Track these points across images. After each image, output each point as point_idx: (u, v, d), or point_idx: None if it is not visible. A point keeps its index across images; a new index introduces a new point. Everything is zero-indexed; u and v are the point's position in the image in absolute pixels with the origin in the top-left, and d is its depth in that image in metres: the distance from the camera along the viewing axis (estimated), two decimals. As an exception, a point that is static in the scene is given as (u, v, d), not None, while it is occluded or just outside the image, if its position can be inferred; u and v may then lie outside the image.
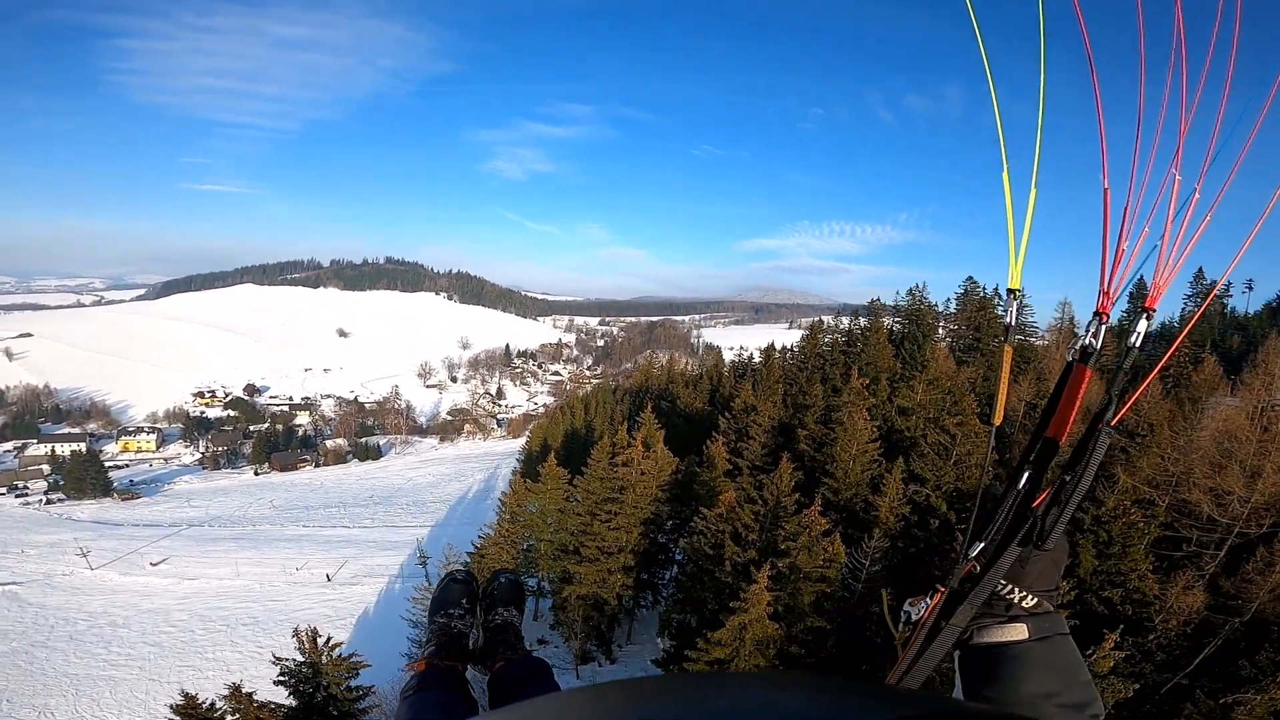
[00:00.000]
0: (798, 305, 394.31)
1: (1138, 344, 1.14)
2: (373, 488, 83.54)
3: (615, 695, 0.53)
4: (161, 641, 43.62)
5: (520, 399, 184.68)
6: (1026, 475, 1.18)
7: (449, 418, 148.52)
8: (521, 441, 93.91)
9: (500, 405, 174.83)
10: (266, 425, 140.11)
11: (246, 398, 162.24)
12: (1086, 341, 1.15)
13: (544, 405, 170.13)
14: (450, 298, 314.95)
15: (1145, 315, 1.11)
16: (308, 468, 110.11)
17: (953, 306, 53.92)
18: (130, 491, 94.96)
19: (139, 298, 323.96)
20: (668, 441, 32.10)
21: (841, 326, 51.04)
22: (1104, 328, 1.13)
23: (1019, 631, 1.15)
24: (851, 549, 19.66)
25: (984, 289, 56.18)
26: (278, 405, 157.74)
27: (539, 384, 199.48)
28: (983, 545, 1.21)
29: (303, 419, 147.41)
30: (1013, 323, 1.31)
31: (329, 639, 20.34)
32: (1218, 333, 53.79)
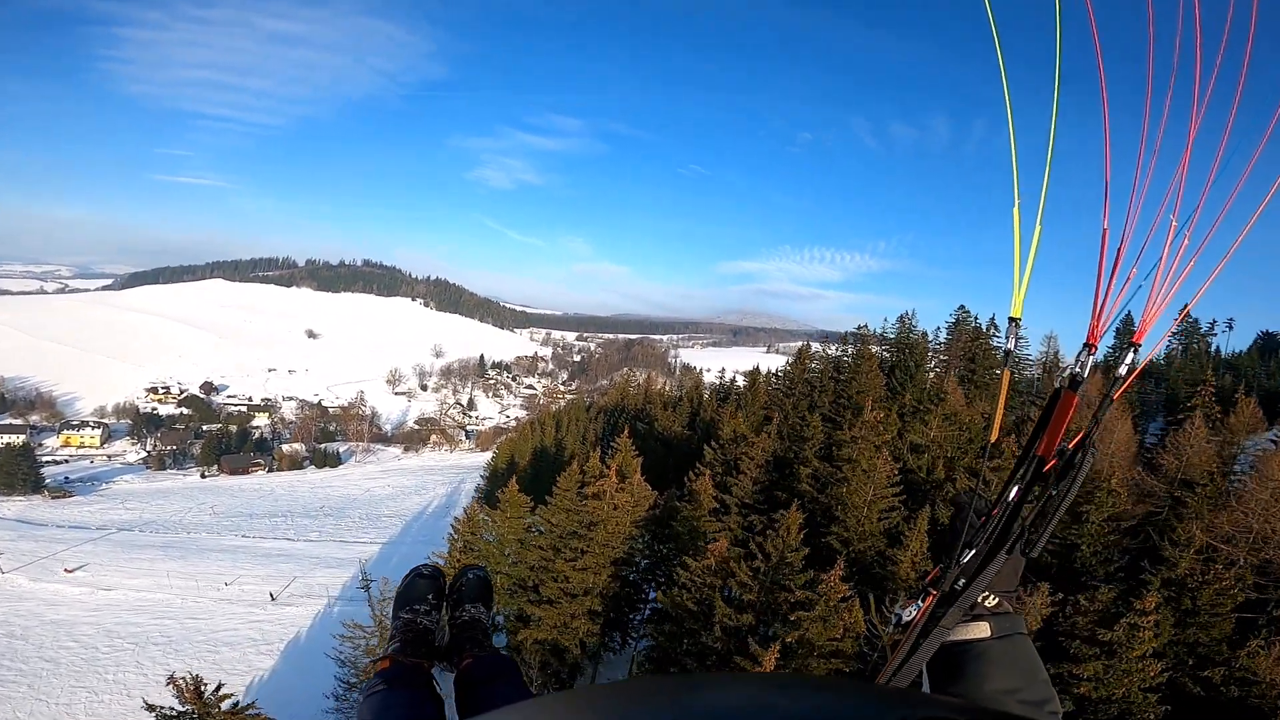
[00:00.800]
0: (775, 330, 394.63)
1: (1125, 374, 1.24)
2: (326, 497, 78.22)
3: (609, 697, 0.52)
4: (59, 658, 38.48)
5: (492, 411, 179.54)
6: (1016, 489, 1.28)
7: (416, 427, 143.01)
8: (489, 455, 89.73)
9: (471, 416, 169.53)
10: (220, 425, 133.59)
11: (202, 396, 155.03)
12: (1075, 370, 1.24)
13: (516, 418, 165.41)
14: (427, 304, 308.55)
15: (1132, 349, 1.21)
16: (260, 472, 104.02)
17: (943, 336, 51.50)
18: (62, 489, 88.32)
19: (105, 288, 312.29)
20: (645, 468, 28.60)
21: (829, 353, 48.20)
22: (1092, 358, 1.22)
23: (982, 629, 1.22)
24: (867, 615, 16.42)
25: (975, 318, 54.02)
26: (235, 405, 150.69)
27: (512, 396, 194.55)
28: (973, 552, 1.29)
29: (261, 421, 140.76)
30: (1012, 349, 1.41)
31: (218, 686, 16.34)
32: (1210, 371, 52.35)
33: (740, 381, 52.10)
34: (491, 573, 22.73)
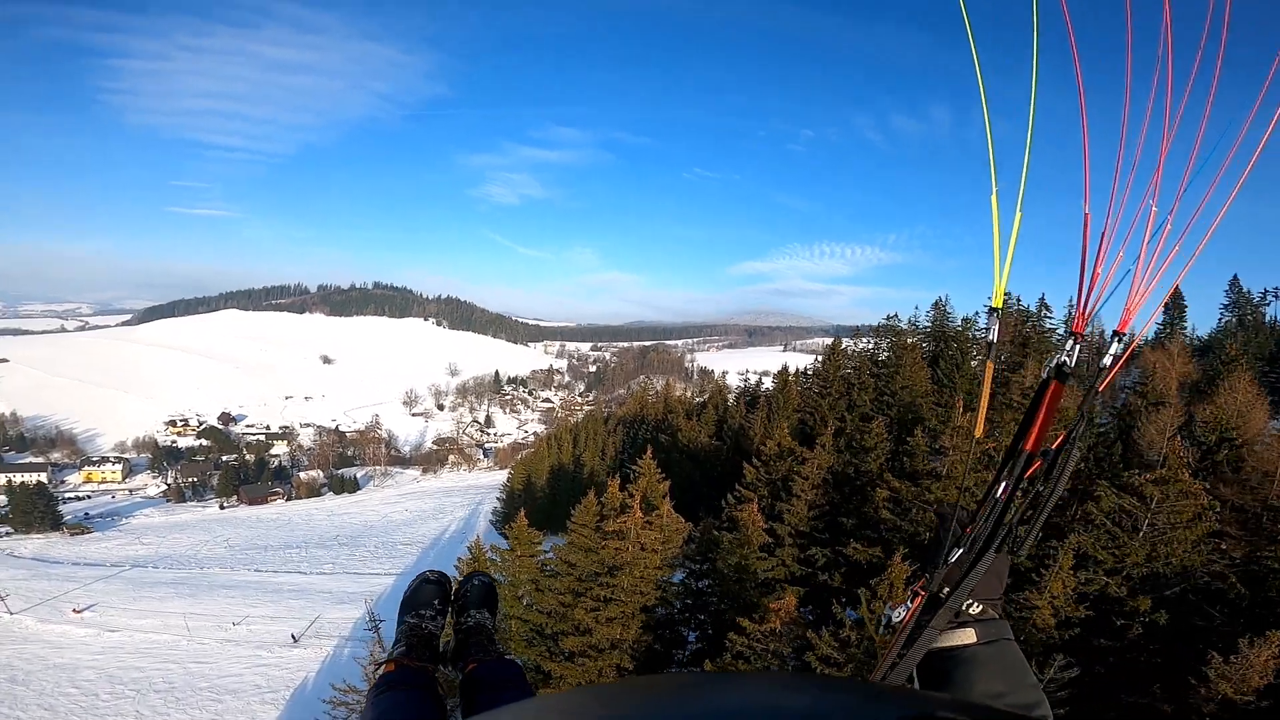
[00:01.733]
0: (791, 328, 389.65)
1: (1110, 365, 1.23)
2: (342, 525, 76.32)
3: (614, 696, 0.52)
4: (57, 705, 36.65)
5: (510, 427, 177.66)
6: (1003, 486, 1.27)
7: (434, 447, 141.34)
8: (507, 473, 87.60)
9: (488, 434, 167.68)
10: (239, 456, 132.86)
11: (221, 426, 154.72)
12: (1062, 359, 1.23)
13: (534, 433, 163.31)
14: (439, 323, 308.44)
15: (1117, 338, 1.21)
16: (278, 501, 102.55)
17: (982, 321, 48.34)
18: (81, 526, 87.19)
19: (124, 324, 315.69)
20: (672, 489, 25.94)
21: (861, 346, 45.16)
22: (1079, 347, 1.22)
23: (968, 636, 1.23)
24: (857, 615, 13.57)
25: (1018, 300, 50.63)
26: (253, 435, 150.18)
27: (529, 411, 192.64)
28: (961, 552, 1.29)
29: (279, 449, 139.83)
30: (995, 340, 1.38)
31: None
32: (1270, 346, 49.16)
33: (767, 383, 49.37)
34: (506, 617, 19.63)
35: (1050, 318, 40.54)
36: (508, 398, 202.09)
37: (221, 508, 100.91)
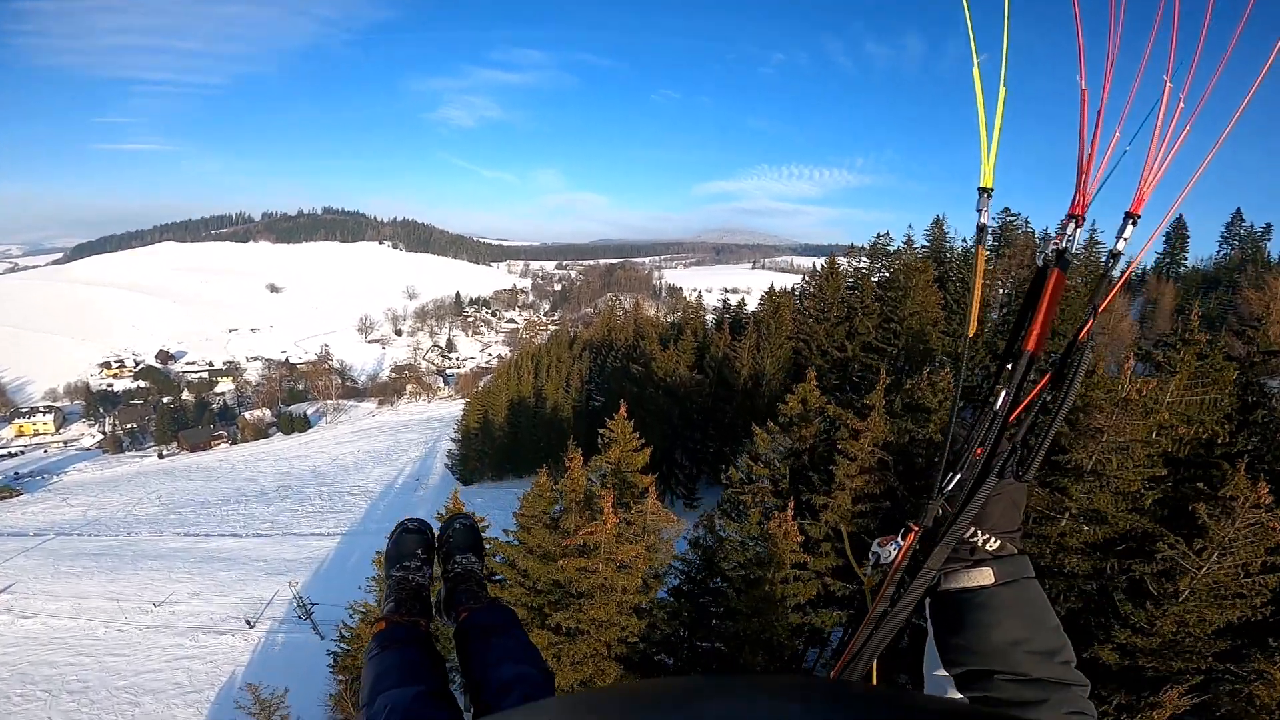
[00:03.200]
0: (759, 245, 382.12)
1: (1123, 249, 1.09)
2: (288, 471, 69.49)
3: (617, 702, 0.51)
4: (-39, 711, 30.77)
5: (474, 350, 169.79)
6: (1004, 395, 1.11)
7: (393, 375, 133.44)
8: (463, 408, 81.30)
9: (450, 359, 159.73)
10: (181, 396, 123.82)
11: (159, 365, 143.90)
12: (1061, 245, 1.10)
13: (499, 355, 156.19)
14: (395, 246, 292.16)
15: (1130, 220, 1.07)
16: (222, 446, 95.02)
17: (990, 242, 41.99)
18: (9, 489, 78.48)
19: (54, 263, 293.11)
20: (645, 428, 19.50)
21: (855, 267, 38.70)
22: (1079, 230, 1.09)
23: (985, 576, 1.11)
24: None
25: (1027, 221, 44.74)
26: (195, 372, 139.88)
27: (493, 333, 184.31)
28: (959, 478, 1.14)
29: (225, 386, 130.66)
30: (985, 223, 1.19)
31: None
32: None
33: (750, 303, 42.77)
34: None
35: (1070, 239, 34.99)
36: (470, 320, 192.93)
37: (160, 457, 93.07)
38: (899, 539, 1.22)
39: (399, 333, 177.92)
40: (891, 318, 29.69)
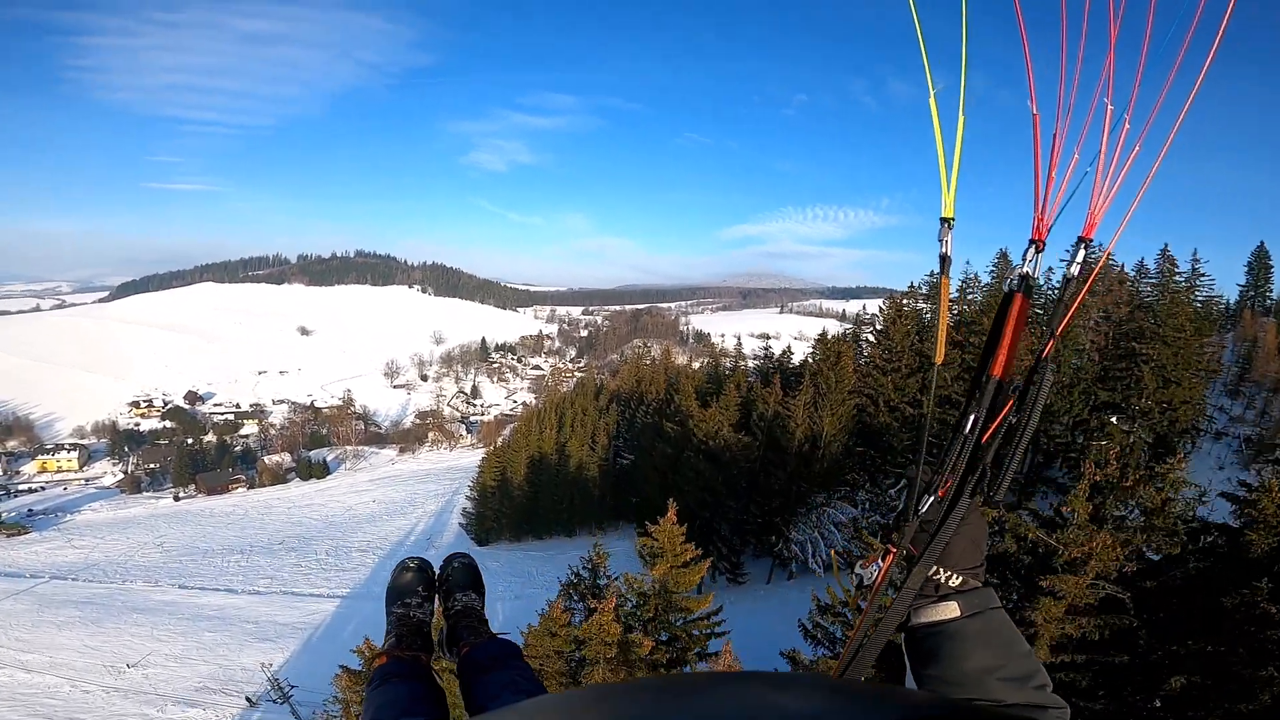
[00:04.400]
0: (785, 289, 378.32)
1: (1076, 273, 1.12)
2: (300, 520, 66.80)
3: (604, 699, 0.51)
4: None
5: (498, 397, 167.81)
6: (973, 420, 1.16)
7: (416, 422, 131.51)
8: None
9: (474, 405, 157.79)
10: (207, 438, 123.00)
11: (187, 406, 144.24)
12: (1024, 270, 1.13)
13: (523, 403, 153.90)
14: (424, 290, 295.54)
15: (1083, 244, 1.11)
16: (239, 490, 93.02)
17: (1056, 280, 38.34)
18: (19, 526, 76.84)
19: (99, 300, 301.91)
20: (682, 496, 16.17)
21: (911, 307, 35.17)
22: (1040, 255, 1.13)
23: (950, 610, 1.15)
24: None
25: (1110, 257, 40.79)
26: (222, 414, 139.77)
27: (518, 379, 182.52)
28: (932, 500, 1.19)
29: (249, 429, 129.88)
30: (947, 253, 1.21)
31: None
32: None
33: (798, 351, 39.50)
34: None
35: (1180, 274, 31.83)
36: (495, 365, 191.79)
37: (176, 499, 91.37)
38: (879, 560, 1.29)
39: (424, 378, 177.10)
40: (974, 365, 26.06)
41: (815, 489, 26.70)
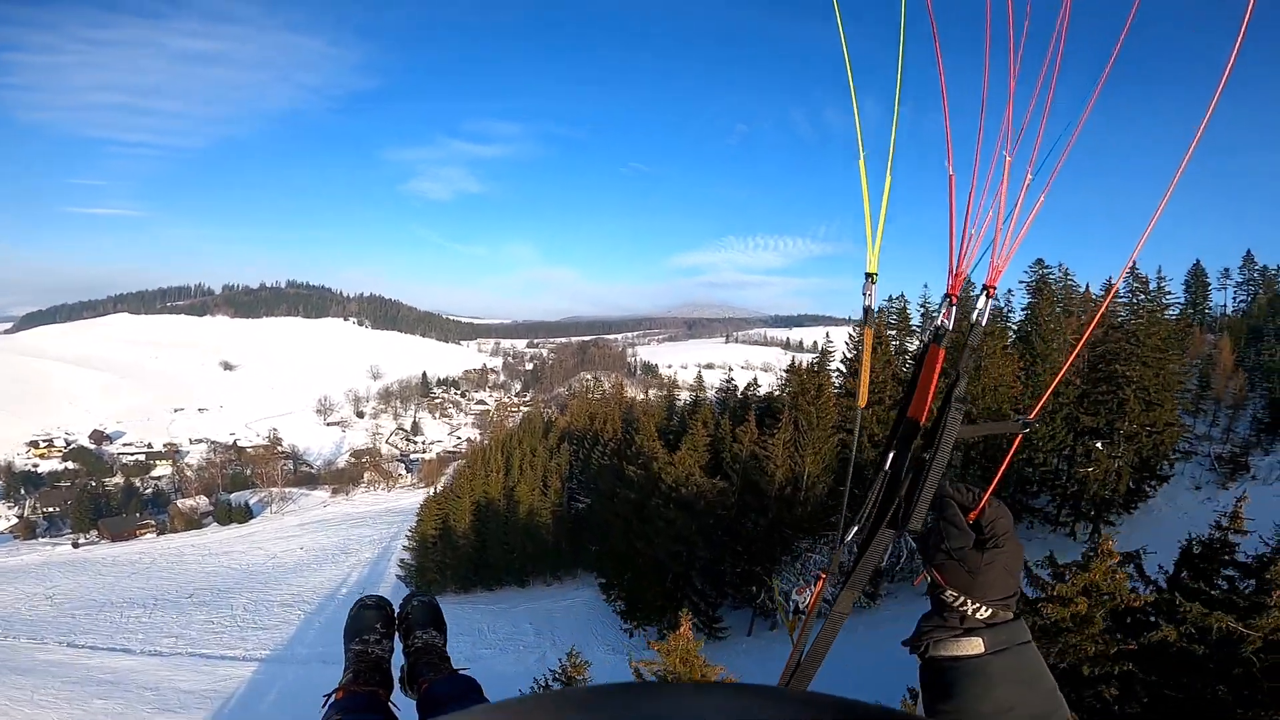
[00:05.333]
0: (730, 319, 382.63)
1: (982, 321, 1.25)
2: (214, 570, 60.34)
3: (558, 702, 0.51)
4: None
5: (440, 433, 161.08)
6: (892, 457, 1.26)
7: (353, 460, 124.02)
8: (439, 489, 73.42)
9: (415, 443, 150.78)
10: (113, 480, 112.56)
11: (93, 446, 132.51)
12: (940, 322, 1.25)
13: (467, 440, 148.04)
14: (361, 323, 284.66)
15: (985, 294, 1.23)
16: (148, 536, 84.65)
17: (1016, 299, 37.98)
18: None
19: (3, 332, 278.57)
20: (652, 546, 13.85)
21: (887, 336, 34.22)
22: (954, 308, 1.24)
23: (975, 645, 1.11)
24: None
25: (1066, 273, 41.00)
26: (132, 454, 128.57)
27: (462, 415, 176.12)
28: (856, 529, 1.28)
29: (162, 470, 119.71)
30: (871, 305, 1.35)
31: None
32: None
33: (766, 383, 37.63)
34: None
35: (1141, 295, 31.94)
36: (437, 401, 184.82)
37: (76, 545, 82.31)
38: (811, 586, 1.38)
39: (361, 414, 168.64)
40: (978, 385, 24.69)
41: (799, 534, 24.52)
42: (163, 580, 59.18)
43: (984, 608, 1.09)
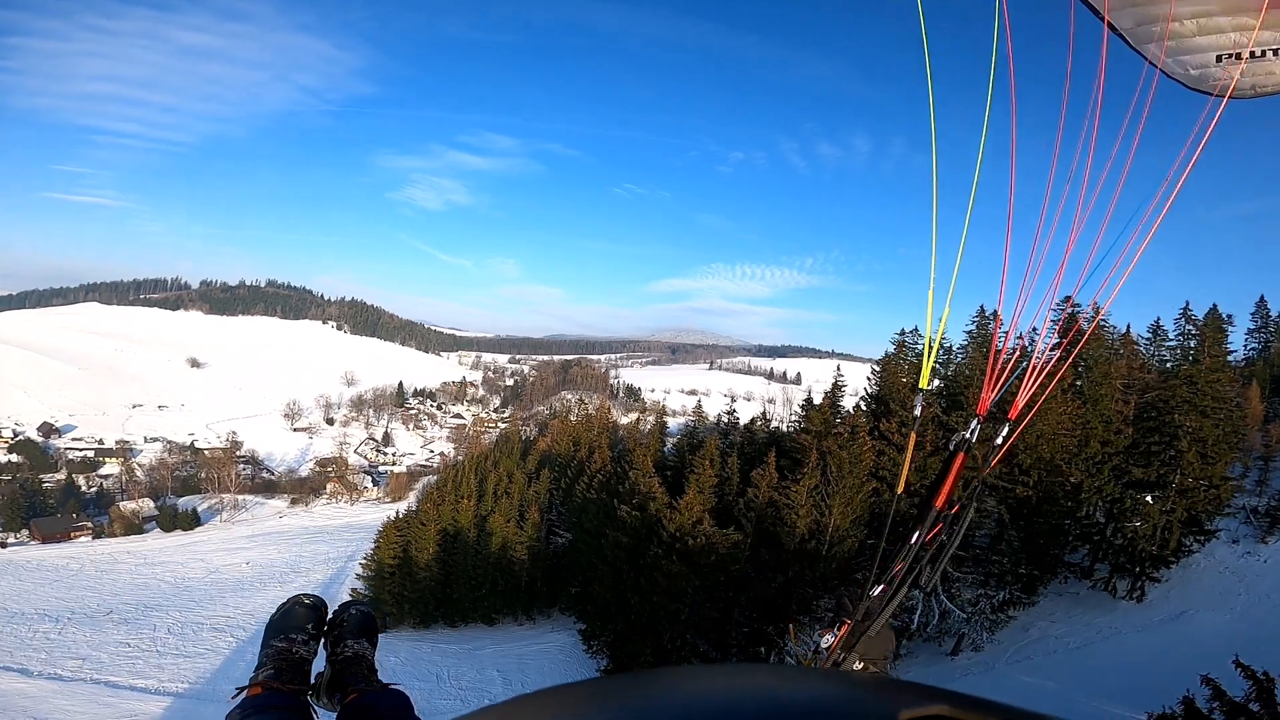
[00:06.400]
0: (714, 346, 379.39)
1: (1004, 445, 1.60)
2: (146, 583, 54.33)
3: (598, 694, 0.49)
4: None
5: (413, 446, 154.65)
6: (916, 535, 1.59)
7: (317, 469, 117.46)
8: (404, 506, 67.87)
9: (385, 454, 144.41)
10: (56, 476, 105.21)
11: (40, 439, 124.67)
12: (966, 436, 1.57)
13: (441, 454, 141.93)
14: (340, 327, 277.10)
15: (1008, 424, 1.56)
16: (84, 538, 78.07)
17: (1042, 337, 34.15)
18: None
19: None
20: (650, 603, 11.49)
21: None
22: (978, 425, 1.56)
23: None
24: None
25: (1092, 309, 37.06)
26: (80, 450, 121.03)
27: (437, 428, 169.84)
28: (880, 588, 1.60)
29: (111, 469, 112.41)
30: (918, 415, 1.82)
31: None
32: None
33: (785, 414, 33.32)
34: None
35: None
36: (412, 412, 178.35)
37: (3, 545, 75.72)
38: (834, 631, 1.66)
39: (331, 421, 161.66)
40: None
41: (820, 592, 20.18)
42: (86, 591, 53.06)
43: (859, 661, 1.51)
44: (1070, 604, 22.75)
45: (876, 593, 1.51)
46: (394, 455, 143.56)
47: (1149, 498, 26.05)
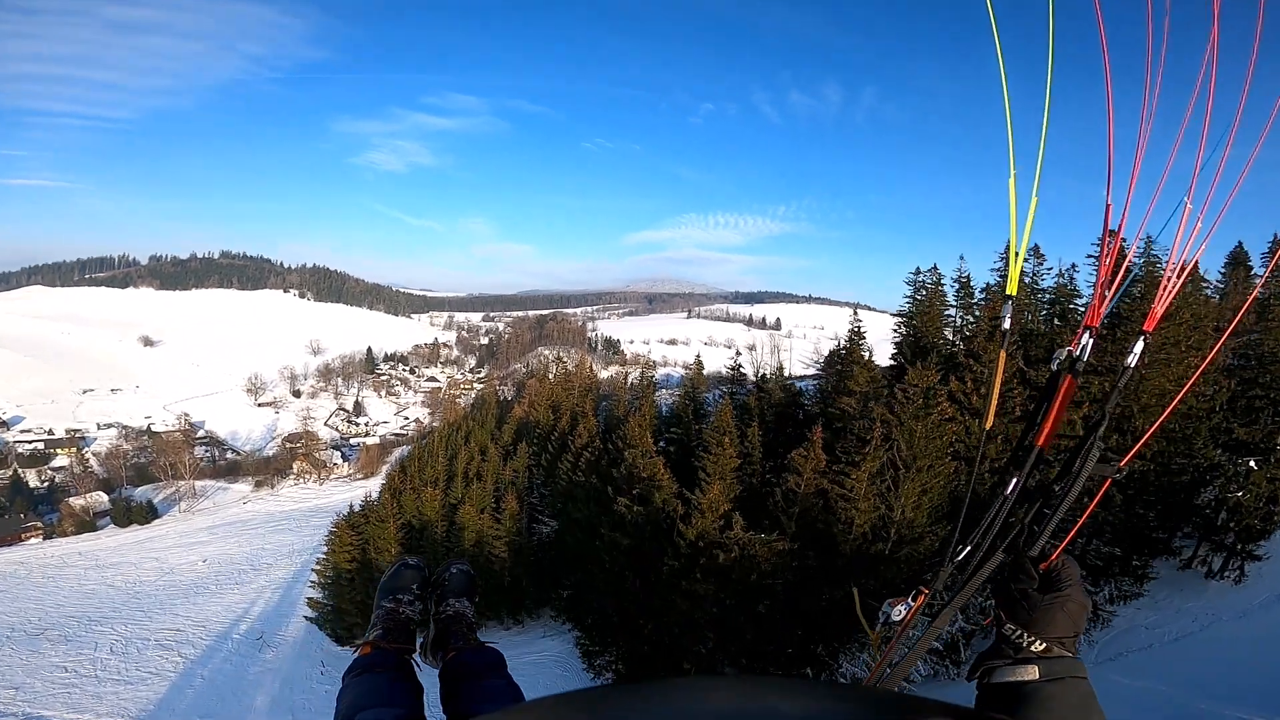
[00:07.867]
0: (690, 294, 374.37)
1: (1133, 364, 1.21)
2: (93, 591, 49.47)
3: (604, 701, 0.50)
4: None
5: (387, 413, 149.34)
6: (1014, 483, 1.25)
7: (287, 445, 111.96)
8: (376, 483, 63.43)
9: (358, 424, 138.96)
10: (4, 472, 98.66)
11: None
12: (1075, 353, 1.20)
13: (416, 420, 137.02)
14: (303, 295, 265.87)
15: (1142, 337, 1.20)
16: (35, 539, 72.57)
17: (1049, 280, 29.39)
18: None
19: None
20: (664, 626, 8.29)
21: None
22: (1091, 340, 1.20)
23: (1029, 672, 1.18)
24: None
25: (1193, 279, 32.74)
26: (30, 442, 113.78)
27: (411, 393, 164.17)
28: (968, 550, 1.28)
29: (64, 460, 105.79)
30: (1009, 328, 1.32)
31: None
32: None
33: (773, 361, 27.86)
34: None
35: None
36: (384, 378, 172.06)
37: (-55, 556, 70.03)
38: (909, 600, 1.35)
39: (297, 394, 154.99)
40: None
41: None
42: (30, 603, 48.09)
43: (1040, 642, 1.15)
44: (1154, 587, 19.31)
45: (963, 555, 1.20)
46: (367, 425, 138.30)
47: (1253, 462, 22.12)
